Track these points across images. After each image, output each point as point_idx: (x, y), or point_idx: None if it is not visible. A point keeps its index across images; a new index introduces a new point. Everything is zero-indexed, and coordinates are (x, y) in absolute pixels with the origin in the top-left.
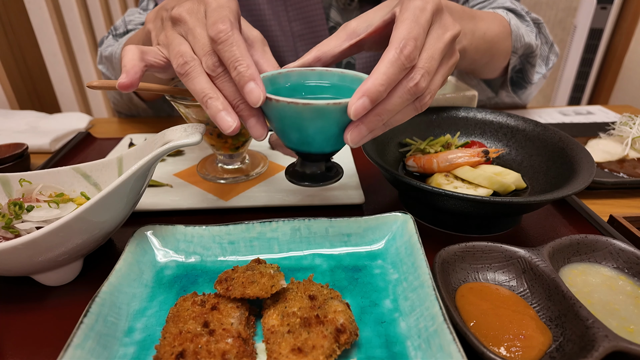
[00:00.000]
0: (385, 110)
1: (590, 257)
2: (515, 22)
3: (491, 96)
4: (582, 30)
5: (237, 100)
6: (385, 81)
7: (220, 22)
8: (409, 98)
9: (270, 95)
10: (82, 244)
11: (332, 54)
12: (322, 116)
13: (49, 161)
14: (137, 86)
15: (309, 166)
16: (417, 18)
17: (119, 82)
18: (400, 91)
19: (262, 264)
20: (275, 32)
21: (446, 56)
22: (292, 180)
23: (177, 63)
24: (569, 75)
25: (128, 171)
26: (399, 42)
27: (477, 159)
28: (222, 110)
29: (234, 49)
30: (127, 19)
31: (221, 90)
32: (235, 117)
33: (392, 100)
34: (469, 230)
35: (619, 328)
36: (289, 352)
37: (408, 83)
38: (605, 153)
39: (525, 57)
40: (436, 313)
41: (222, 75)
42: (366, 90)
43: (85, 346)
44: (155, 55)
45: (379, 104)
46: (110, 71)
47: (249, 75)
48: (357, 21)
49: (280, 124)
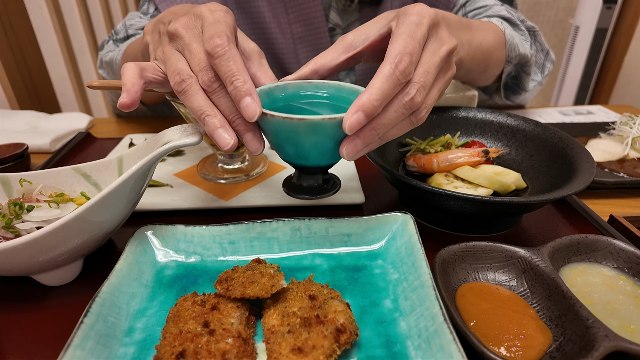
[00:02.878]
0: (381, 124)
1: (590, 257)
2: (510, 32)
3: (485, 98)
4: (586, 30)
5: (234, 115)
6: (380, 96)
7: (217, 36)
8: (404, 112)
9: (265, 111)
10: (82, 244)
11: (329, 67)
12: (318, 131)
13: (49, 161)
14: (137, 104)
15: (306, 179)
16: (413, 33)
17: (120, 102)
18: (395, 106)
19: (262, 264)
20: (276, 34)
21: (442, 70)
22: (289, 194)
23: (174, 81)
24: (574, 75)
25: (128, 171)
26: (394, 57)
27: (477, 158)
28: (219, 127)
29: (231, 63)
30: (128, 24)
31: (217, 105)
32: (232, 134)
33: (388, 115)
34: (469, 230)
35: (619, 328)
36: (289, 352)
37: (404, 98)
38: (606, 153)
39: (520, 66)
40: (436, 313)
41: (218, 90)
42: (361, 105)
43: (86, 346)
44: (154, 71)
45: (375, 119)
46: (111, 76)
47: (246, 90)
48: (354, 34)
49: (276, 138)
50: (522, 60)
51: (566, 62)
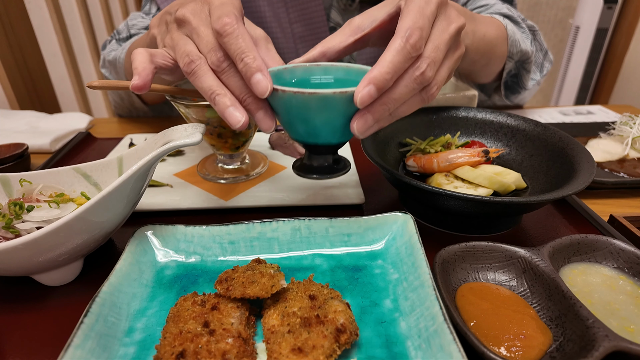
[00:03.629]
0: (392, 99)
1: (590, 257)
2: (512, 28)
3: (484, 99)
4: (587, 30)
5: (244, 94)
6: (391, 69)
7: (225, 16)
8: (415, 87)
9: (277, 86)
10: (82, 244)
11: (337, 49)
12: (329, 106)
13: (49, 161)
14: (149, 87)
15: (317, 159)
16: (422, 10)
17: (133, 84)
18: (406, 80)
19: (262, 264)
20: (277, 33)
21: (451, 48)
22: (299, 174)
23: (184, 62)
24: (574, 75)
25: (128, 171)
26: (404, 31)
27: (478, 158)
28: (230, 106)
29: (240, 41)
30: (130, 23)
31: (227, 85)
32: (243, 112)
33: (398, 90)
34: (469, 230)
35: (619, 328)
36: (289, 352)
37: (414, 72)
38: (606, 153)
39: (521, 63)
40: (436, 313)
41: (227, 69)
42: (372, 78)
43: (86, 346)
44: (164, 57)
45: (385, 93)
46: (114, 75)
47: (256, 66)
48: (362, 17)
49: (286, 115)
50: (523, 56)
51: (566, 62)
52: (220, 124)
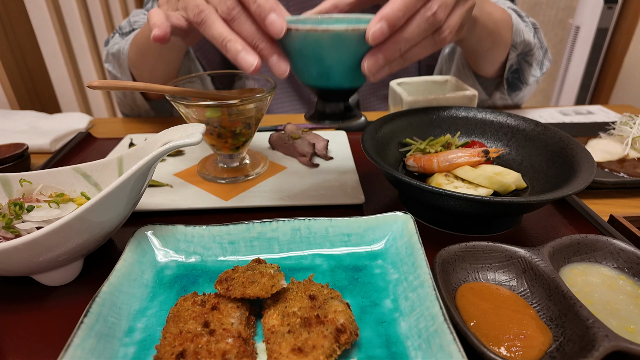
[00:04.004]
0: (403, 38)
1: (590, 257)
2: (516, 18)
3: (484, 99)
4: (587, 29)
5: (257, 39)
6: (403, 6)
7: None
8: (427, 28)
9: (291, 25)
10: (82, 244)
11: (349, 2)
12: (341, 43)
13: (49, 161)
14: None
15: (329, 105)
16: None
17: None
18: (418, 20)
19: (262, 264)
20: None
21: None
22: (312, 120)
23: (193, 13)
24: (574, 75)
25: (128, 171)
26: None
27: (478, 158)
28: (241, 50)
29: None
30: (132, 20)
31: (239, 32)
32: (255, 55)
33: (410, 29)
34: (469, 230)
35: (619, 328)
36: (289, 352)
37: (426, 12)
38: (606, 153)
39: (523, 55)
40: (436, 313)
41: (238, 15)
42: (384, 14)
43: (86, 346)
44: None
45: (397, 32)
46: (117, 69)
47: (270, 6)
48: None
49: (299, 57)
50: (526, 47)
51: (566, 62)
52: (221, 124)
